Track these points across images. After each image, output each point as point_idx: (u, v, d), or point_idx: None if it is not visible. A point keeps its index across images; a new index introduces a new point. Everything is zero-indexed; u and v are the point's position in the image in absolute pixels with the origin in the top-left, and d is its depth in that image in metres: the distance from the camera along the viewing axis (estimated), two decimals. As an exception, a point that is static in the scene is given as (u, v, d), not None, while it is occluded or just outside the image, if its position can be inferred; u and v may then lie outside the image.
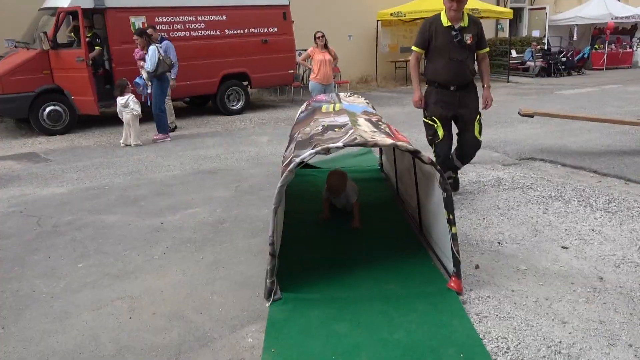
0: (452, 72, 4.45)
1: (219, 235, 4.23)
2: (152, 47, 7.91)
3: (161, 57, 7.95)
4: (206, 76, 10.39)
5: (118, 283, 3.45)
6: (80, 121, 9.59)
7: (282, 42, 11.36)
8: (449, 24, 4.40)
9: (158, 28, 9.26)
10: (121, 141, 8.08)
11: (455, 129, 4.75)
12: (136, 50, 8.56)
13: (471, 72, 4.55)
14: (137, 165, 6.80)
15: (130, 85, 8.15)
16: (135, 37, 8.28)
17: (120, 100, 7.92)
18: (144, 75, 8.24)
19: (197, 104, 12.18)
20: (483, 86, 4.74)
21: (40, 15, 9.79)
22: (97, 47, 9.56)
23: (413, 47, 4.64)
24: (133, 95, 8.01)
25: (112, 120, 10.67)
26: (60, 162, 7.12)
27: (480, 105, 4.67)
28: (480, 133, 4.64)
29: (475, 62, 4.73)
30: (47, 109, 8.97)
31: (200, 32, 10.33)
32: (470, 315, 2.89)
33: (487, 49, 4.71)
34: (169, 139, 8.38)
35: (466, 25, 4.43)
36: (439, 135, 4.59)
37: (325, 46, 8.51)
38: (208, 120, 10.50)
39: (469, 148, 4.70)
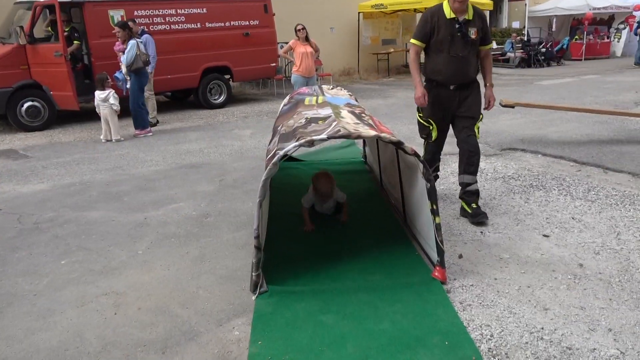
0: (453, 69, 4.02)
1: (203, 230, 4.22)
2: (131, 42, 7.81)
3: (138, 53, 7.84)
4: (187, 70, 10.31)
5: (102, 279, 3.42)
6: (59, 117, 9.46)
7: (263, 35, 11.31)
8: (453, 16, 3.97)
9: (137, 22, 9.15)
10: (102, 137, 7.98)
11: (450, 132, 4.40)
12: (117, 43, 8.42)
13: (474, 69, 4.14)
14: (119, 160, 6.73)
15: (110, 80, 8.04)
16: (116, 29, 8.12)
17: (101, 95, 7.82)
18: (123, 69, 8.14)
19: (179, 98, 12.09)
20: (485, 85, 4.27)
21: (16, 9, 9.61)
22: (75, 42, 9.41)
23: (412, 41, 4.18)
24: (113, 91, 7.91)
25: (92, 115, 10.52)
26: (40, 158, 7.02)
27: (482, 105, 4.23)
28: (478, 130, 4.21)
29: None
30: (25, 105, 8.83)
31: (180, 25, 10.23)
32: (455, 303, 2.93)
33: (491, 45, 4.33)
34: (150, 134, 8.30)
35: (471, 18, 4.00)
36: (432, 137, 4.29)
37: (307, 39, 8.46)
38: (190, 114, 10.42)
39: (471, 155, 4.11)
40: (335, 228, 4.09)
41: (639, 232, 3.81)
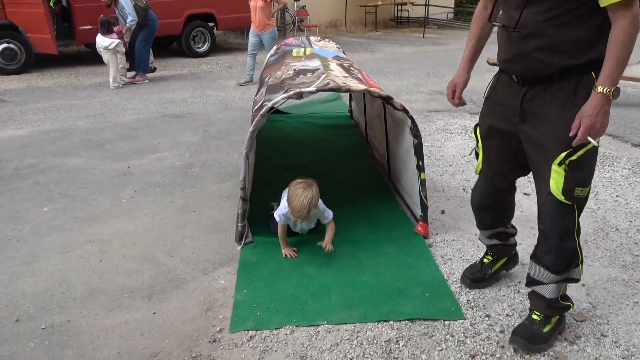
0: (510, 47, 2.05)
1: (188, 180, 4.20)
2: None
3: (134, 3, 7.56)
4: (170, 16, 10.00)
5: (86, 227, 3.41)
6: (37, 60, 9.16)
7: (249, -18, 10.94)
8: None
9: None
10: (111, 84, 7.69)
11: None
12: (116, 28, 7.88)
13: (563, 51, 1.89)
14: (100, 107, 6.60)
15: (116, 24, 7.70)
16: None
17: (103, 43, 7.44)
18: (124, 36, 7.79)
19: (161, 45, 11.77)
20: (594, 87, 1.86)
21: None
22: None
23: None
24: (119, 41, 7.60)
25: (71, 60, 10.24)
26: (17, 103, 6.84)
27: (572, 131, 1.89)
28: (569, 190, 2.00)
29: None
30: (0, 47, 8.52)
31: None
32: (436, 257, 3.00)
33: None
34: (147, 81, 8.13)
35: None
36: (477, 161, 2.41)
37: None
38: (173, 62, 10.19)
39: (546, 221, 2.13)
40: (320, 181, 4.08)
41: (615, 192, 3.91)
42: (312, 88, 3.02)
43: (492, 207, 2.48)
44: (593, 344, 2.28)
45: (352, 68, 3.86)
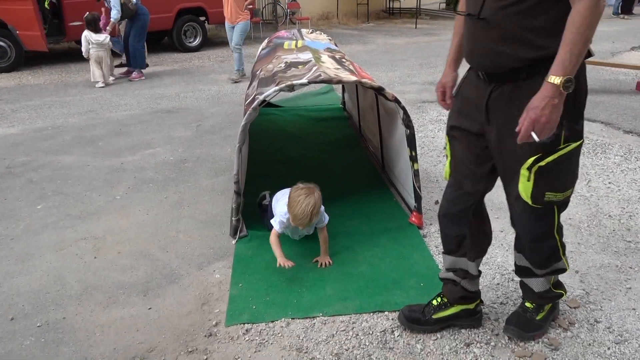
0: (473, 39, 1.91)
1: (181, 175, 4.19)
2: None
3: (123, 1, 7.48)
4: (161, 10, 9.93)
5: (80, 224, 3.41)
6: (27, 57, 9.10)
7: (240, -25, 10.88)
8: None
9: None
10: (98, 83, 7.50)
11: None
12: (102, 21, 7.78)
13: (525, 42, 1.74)
14: (92, 104, 6.56)
15: (102, 20, 7.62)
16: None
17: (97, 37, 7.33)
18: (107, 30, 7.68)
19: (153, 40, 11.69)
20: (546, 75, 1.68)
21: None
22: None
23: None
24: (109, 36, 7.54)
25: (62, 57, 10.18)
26: (8, 101, 6.79)
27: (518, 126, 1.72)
28: (538, 196, 1.88)
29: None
30: (-10, 45, 8.46)
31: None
32: (430, 248, 3.01)
33: None
34: (143, 78, 8.07)
35: None
36: (445, 166, 2.24)
37: None
38: (164, 57, 10.14)
39: (517, 223, 2.08)
40: (314, 173, 4.10)
41: (608, 179, 3.93)
42: (304, 80, 3.01)
43: (458, 217, 2.17)
44: (587, 330, 2.30)
45: (343, 60, 3.85)
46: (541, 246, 2.05)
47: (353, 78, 3.09)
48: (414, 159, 3.15)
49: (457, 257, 2.24)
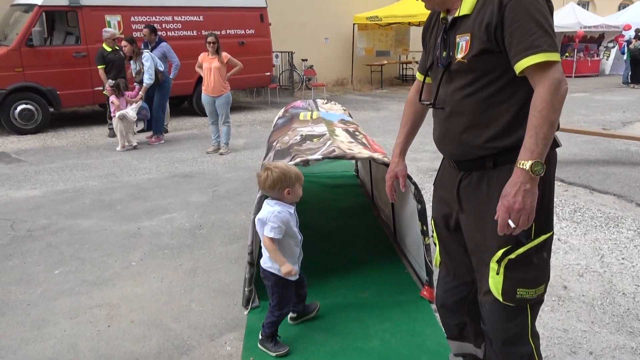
0: (439, 127, 1.95)
1: (196, 242, 4.27)
2: (147, 55, 7.78)
3: (156, 67, 7.86)
4: (182, 77, 10.32)
5: (95, 290, 3.46)
6: (52, 120, 9.46)
7: (259, 44, 11.41)
8: (444, 14, 1.89)
9: (134, 28, 9.21)
10: (118, 148, 7.77)
11: None
12: (127, 93, 8.00)
13: (489, 130, 1.77)
14: (112, 167, 6.76)
15: (127, 87, 7.98)
16: (124, 43, 7.94)
17: (131, 110, 7.74)
18: (135, 106, 7.99)
19: (173, 105, 12.08)
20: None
21: (12, 11, 9.62)
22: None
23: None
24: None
25: (85, 119, 10.55)
26: (33, 162, 7.03)
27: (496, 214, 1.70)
28: (508, 292, 1.80)
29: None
30: (19, 108, 8.83)
31: (176, 32, 10.32)
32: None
33: (541, 56, 1.61)
34: (162, 142, 8.35)
35: (469, 12, 1.74)
36: (434, 256, 2.26)
37: (217, 52, 7.30)
38: (184, 121, 10.47)
39: (487, 323, 1.92)
40: (326, 242, 4.15)
41: (621, 255, 3.92)
42: (318, 156, 3.13)
43: (456, 307, 2.09)
44: (602, 416, 2.25)
45: (357, 133, 3.98)
46: (513, 351, 1.87)
47: (366, 153, 3.20)
48: (425, 233, 3.20)
49: (462, 343, 2.22)
